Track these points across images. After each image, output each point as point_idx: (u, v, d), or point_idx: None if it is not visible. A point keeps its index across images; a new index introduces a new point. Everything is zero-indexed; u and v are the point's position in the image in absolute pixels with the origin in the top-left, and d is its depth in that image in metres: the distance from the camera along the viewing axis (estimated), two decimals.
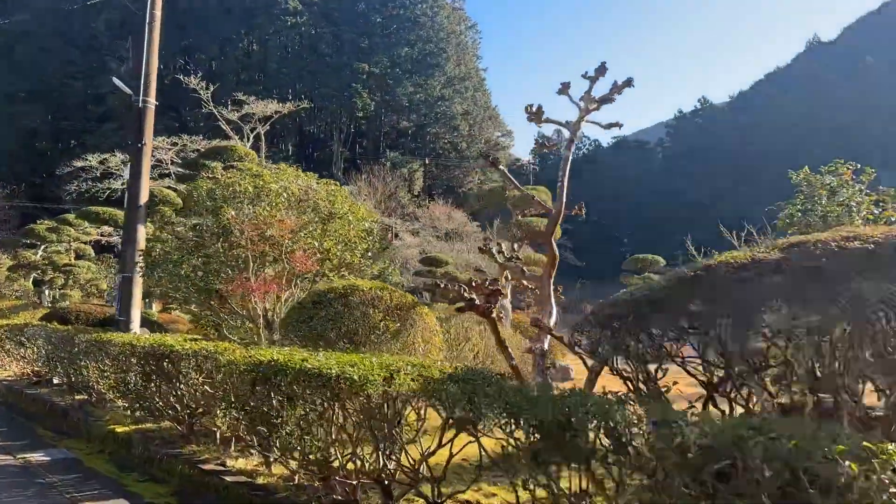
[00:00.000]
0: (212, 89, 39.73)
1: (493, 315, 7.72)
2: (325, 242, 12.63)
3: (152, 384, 8.50)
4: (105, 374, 9.94)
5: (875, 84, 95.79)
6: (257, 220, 12.26)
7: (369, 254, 13.25)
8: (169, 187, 29.19)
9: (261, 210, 12.41)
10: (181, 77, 41.14)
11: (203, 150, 39.69)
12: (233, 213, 12.30)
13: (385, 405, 5.37)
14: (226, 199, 12.62)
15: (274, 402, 6.21)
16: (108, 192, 35.79)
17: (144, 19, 15.75)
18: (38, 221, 32.47)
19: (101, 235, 33.71)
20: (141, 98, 15.28)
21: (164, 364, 8.12)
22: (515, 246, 10.51)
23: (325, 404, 5.64)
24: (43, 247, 28.33)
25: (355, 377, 5.31)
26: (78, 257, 27.96)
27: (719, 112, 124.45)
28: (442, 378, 5.17)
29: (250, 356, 6.64)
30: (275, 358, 6.23)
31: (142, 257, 14.16)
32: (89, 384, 11.32)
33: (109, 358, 9.54)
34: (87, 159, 35.88)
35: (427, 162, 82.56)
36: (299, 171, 14.38)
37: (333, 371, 5.47)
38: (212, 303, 13.46)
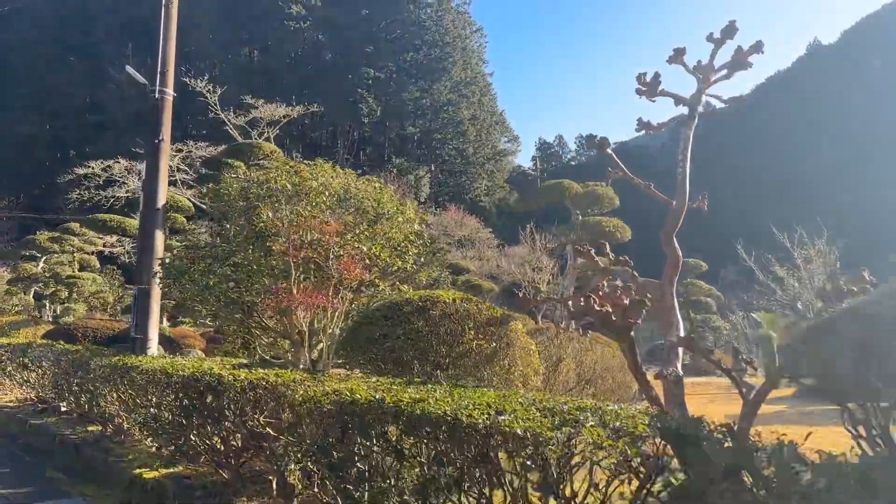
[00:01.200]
0: (219, 92, 38.16)
1: (632, 334, 6.06)
2: (374, 247, 10.99)
3: (192, 420, 6.84)
4: (128, 405, 8.29)
5: (878, 86, 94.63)
6: (298, 222, 10.62)
7: (421, 259, 11.61)
8: (177, 195, 27.69)
9: (301, 210, 10.77)
10: (186, 80, 39.57)
11: (210, 155, 38.20)
12: (270, 213, 10.66)
13: (560, 472, 3.72)
14: (261, 199, 10.98)
15: (375, 453, 4.58)
16: (112, 200, 34.17)
17: (160, 2, 14.12)
18: (39, 232, 30.86)
19: (105, 246, 32.09)
20: (157, 88, 13.67)
21: (208, 398, 6.47)
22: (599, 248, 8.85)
23: (466, 467, 3.99)
24: (44, 258, 26.67)
25: (518, 430, 3.67)
26: (82, 268, 26.30)
27: (721, 117, 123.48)
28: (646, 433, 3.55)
29: (336, 392, 5.00)
30: (375, 396, 4.59)
31: (161, 267, 12.51)
32: (106, 414, 9.68)
33: (135, 387, 7.89)
34: (89, 166, 34.27)
35: (433, 168, 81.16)
36: (335, 167, 12.75)
37: (479, 420, 3.84)
38: (240, 317, 11.82)
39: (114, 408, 8.67)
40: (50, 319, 24.96)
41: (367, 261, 10.85)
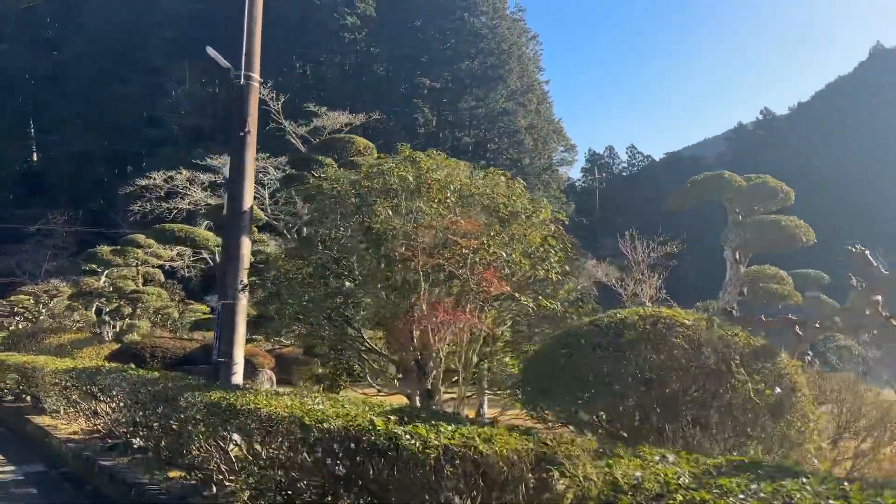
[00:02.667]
0: (282, 100, 36.77)
1: None
2: (513, 253, 8.89)
3: (342, 496, 4.76)
4: (233, 461, 6.29)
5: None
6: (424, 222, 8.58)
7: (567, 268, 9.46)
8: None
9: (426, 208, 8.73)
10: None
11: (280, 167, 36.79)
12: (389, 212, 8.64)
13: None
14: (376, 194, 8.98)
15: None
16: (175, 211, 33.03)
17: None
18: (99, 246, 29.64)
19: (165, 260, 30.76)
20: (243, 73, 11.84)
21: (372, 467, 4.39)
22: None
23: None
24: (106, 272, 25.30)
25: None
26: (146, 282, 24.88)
27: (781, 124, 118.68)
28: None
29: None
30: None
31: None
32: (197, 462, 7.72)
33: (247, 438, 5.89)
34: (151, 177, 33.24)
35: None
36: (448, 158, 10.66)
37: None
38: (347, 337, 9.81)
39: (213, 462, 6.67)
40: (110, 337, 23.53)
41: (507, 269, 8.74)
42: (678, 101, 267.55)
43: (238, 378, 11.44)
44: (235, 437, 6.46)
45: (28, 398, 17.82)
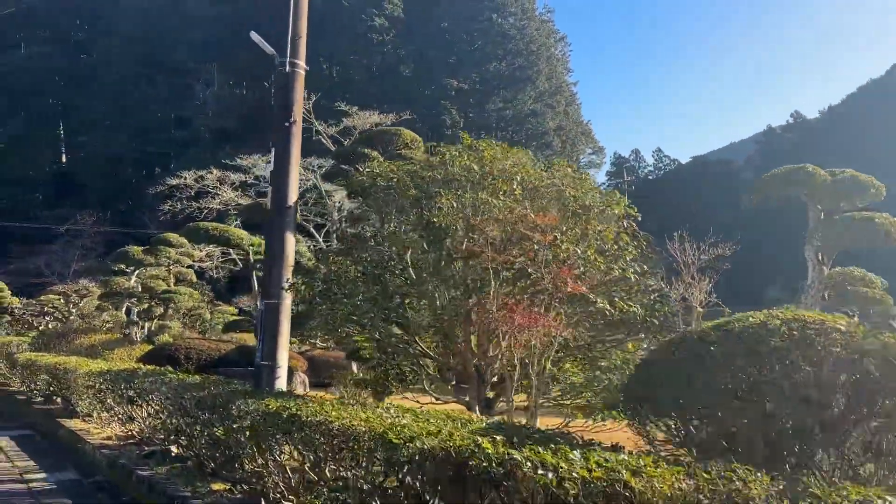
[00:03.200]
0: (314, 98, 36.28)
1: None
2: (588, 249, 8.11)
3: None
4: (295, 480, 5.58)
5: None
6: (491, 215, 7.84)
7: (646, 267, 8.66)
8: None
9: (493, 200, 7.98)
10: None
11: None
12: (453, 203, 7.91)
13: None
14: (437, 185, 8.25)
15: None
16: (205, 211, 32.67)
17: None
18: (128, 246, 29.23)
19: (194, 260, 30.31)
20: (288, 60, 11.21)
21: (489, 499, 3.65)
22: None
23: None
24: (136, 272, 24.86)
25: None
26: (177, 282, 24.38)
27: (812, 127, 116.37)
28: None
29: None
30: None
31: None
32: (246, 476, 7.03)
33: (314, 454, 5.18)
34: (181, 176, 32.91)
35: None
36: (508, 147, 9.89)
37: None
38: (400, 341, 9.08)
39: (268, 479, 5.97)
40: (138, 338, 23.07)
41: (581, 268, 7.97)
42: (704, 105, 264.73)
43: (282, 383, 10.79)
44: (288, 448, 5.76)
45: (59, 400, 17.34)
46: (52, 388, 16.38)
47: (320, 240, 30.71)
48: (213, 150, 56.67)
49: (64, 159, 79.97)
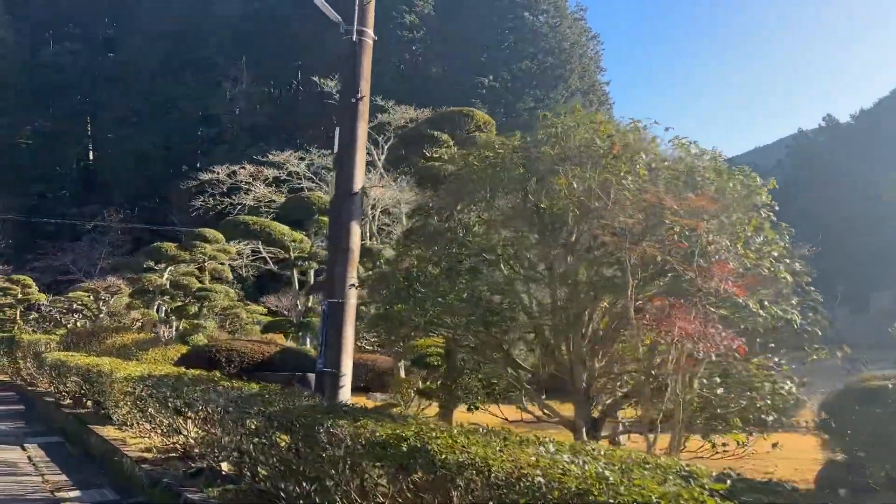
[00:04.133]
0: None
1: None
2: (737, 242, 6.72)
3: None
4: None
5: None
6: (621, 198, 6.47)
7: (797, 265, 7.24)
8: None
9: (624, 181, 6.60)
10: (316, 79, 36.87)
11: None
12: (574, 183, 6.55)
13: None
14: (552, 163, 6.89)
15: None
16: (238, 207, 31.63)
17: None
18: (156, 243, 28.17)
19: (225, 258, 29.21)
20: (355, 28, 9.96)
21: None
22: None
23: None
24: (168, 269, 23.76)
25: None
26: (213, 280, 23.26)
27: (844, 131, 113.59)
28: None
29: None
30: None
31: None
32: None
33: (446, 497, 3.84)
34: (214, 171, 31.90)
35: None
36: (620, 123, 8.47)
37: None
38: (496, 349, 7.73)
39: None
40: (166, 337, 21.96)
41: (731, 264, 6.58)
42: (729, 108, 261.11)
43: (346, 393, 9.51)
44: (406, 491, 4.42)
45: (89, 403, 16.24)
46: (82, 390, 15.25)
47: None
48: (242, 148, 55.77)
49: (91, 157, 79.70)
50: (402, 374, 16.77)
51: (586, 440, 7.60)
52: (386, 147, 38.03)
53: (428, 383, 12.32)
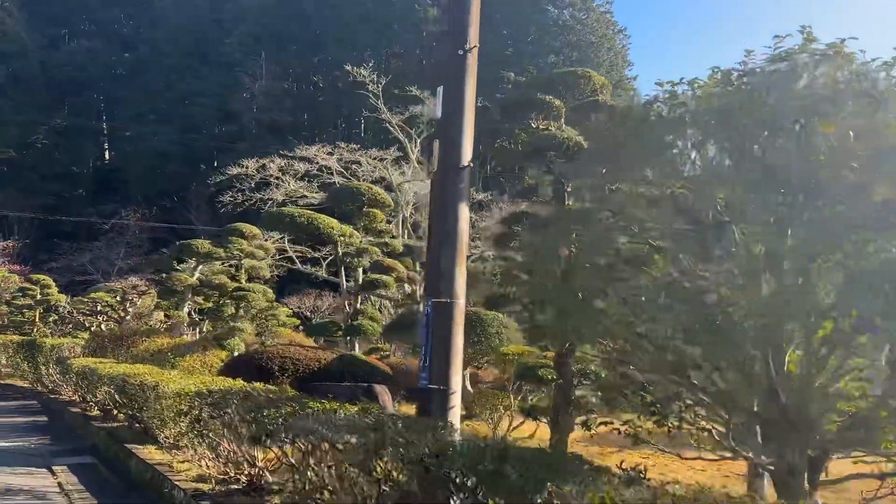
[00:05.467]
0: (384, 81, 33.35)
1: None
2: None
3: None
4: None
5: None
6: None
7: None
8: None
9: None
10: (347, 67, 35.15)
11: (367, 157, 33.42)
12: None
13: None
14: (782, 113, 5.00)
15: None
16: (269, 202, 29.95)
17: None
18: (186, 241, 26.43)
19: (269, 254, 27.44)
20: None
21: None
22: None
23: None
24: (199, 267, 22.04)
25: None
26: (250, 279, 21.49)
27: None
28: None
29: None
30: None
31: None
32: None
33: None
34: (244, 165, 30.23)
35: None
36: None
37: None
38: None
39: None
40: (188, 340, 20.20)
41: None
42: None
43: (455, 414, 7.67)
44: None
45: (120, 415, 14.52)
46: (115, 403, 13.53)
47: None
48: (263, 145, 54.17)
49: (108, 155, 78.44)
50: (469, 385, 14.89)
51: (807, 490, 5.75)
52: (419, 140, 36.31)
53: (533, 400, 10.49)
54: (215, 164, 66.36)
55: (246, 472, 8.20)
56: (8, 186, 62.83)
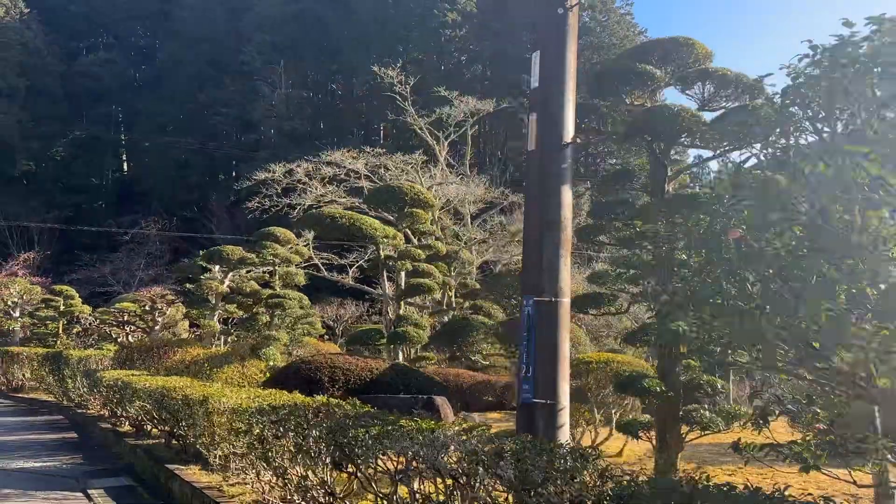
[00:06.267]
0: (412, 82, 32.41)
1: None
2: None
3: None
4: None
5: None
6: None
7: None
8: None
9: None
10: (375, 68, 34.27)
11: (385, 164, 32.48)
12: None
13: None
14: None
15: None
16: (298, 208, 29.07)
17: None
18: (216, 247, 25.47)
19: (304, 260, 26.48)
20: None
21: None
22: None
23: None
24: (230, 274, 21.10)
25: None
26: (285, 286, 20.48)
27: None
28: None
29: None
30: None
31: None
32: None
33: None
34: (271, 170, 29.40)
35: (589, 185, 73.20)
36: None
37: None
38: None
39: None
40: (213, 349, 19.22)
41: None
42: None
43: (565, 433, 6.56)
44: None
45: (154, 430, 13.52)
46: (152, 418, 12.53)
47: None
48: (284, 154, 53.46)
49: (126, 166, 78.19)
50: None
51: None
52: (446, 143, 35.31)
53: (615, 413, 9.38)
54: (234, 175, 65.78)
55: (320, 501, 7.13)
56: (29, 198, 62.60)
